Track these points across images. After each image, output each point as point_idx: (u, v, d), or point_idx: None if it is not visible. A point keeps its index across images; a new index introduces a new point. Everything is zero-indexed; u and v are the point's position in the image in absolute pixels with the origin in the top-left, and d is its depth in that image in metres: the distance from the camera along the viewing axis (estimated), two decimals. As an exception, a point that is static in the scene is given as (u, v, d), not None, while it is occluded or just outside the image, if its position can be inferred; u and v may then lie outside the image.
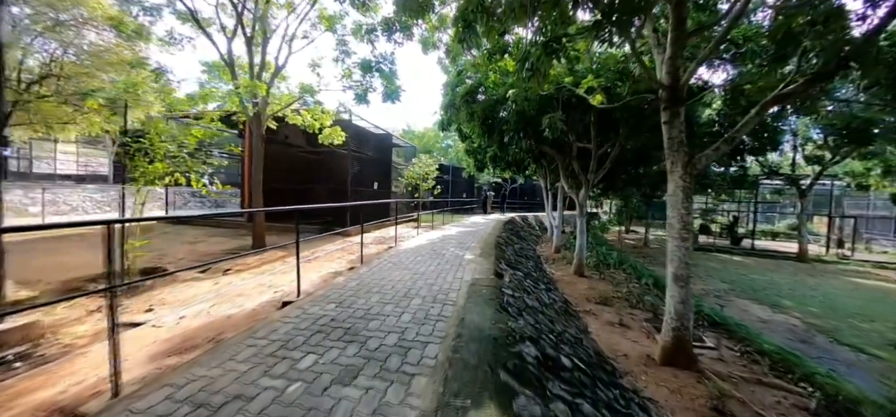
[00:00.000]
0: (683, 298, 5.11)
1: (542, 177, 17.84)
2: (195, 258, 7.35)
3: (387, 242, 9.31)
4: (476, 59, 10.92)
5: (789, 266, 15.62)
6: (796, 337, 7.30)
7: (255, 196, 7.98)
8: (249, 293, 4.93)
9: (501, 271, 6.39)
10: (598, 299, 8.33)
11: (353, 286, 4.79)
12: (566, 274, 10.76)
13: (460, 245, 8.77)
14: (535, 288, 7.14)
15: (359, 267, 5.98)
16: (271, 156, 12.21)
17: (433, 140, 38.25)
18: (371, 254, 7.45)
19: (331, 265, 6.69)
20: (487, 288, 4.84)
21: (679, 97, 5.08)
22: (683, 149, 5.09)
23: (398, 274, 5.54)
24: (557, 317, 5.96)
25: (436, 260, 6.72)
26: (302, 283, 5.14)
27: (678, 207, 5.09)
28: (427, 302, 4.18)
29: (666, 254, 5.31)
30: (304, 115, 8.44)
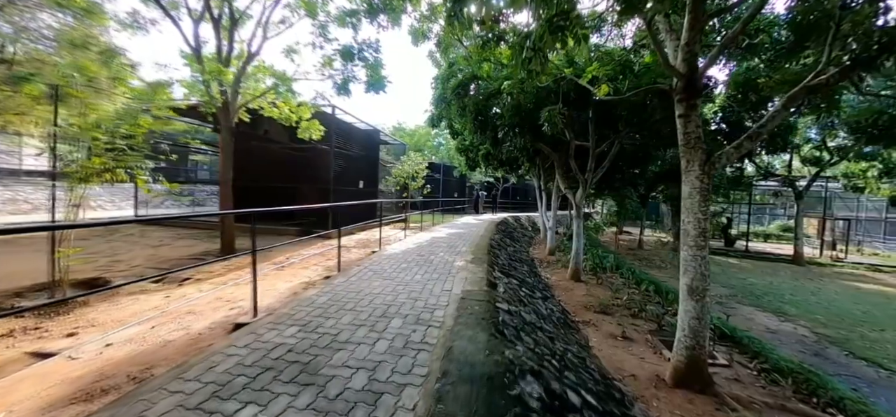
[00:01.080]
0: (699, 314, 4.55)
1: (535, 176, 17.32)
2: (154, 265, 6.59)
3: (371, 246, 8.63)
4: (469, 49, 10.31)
5: (786, 269, 15.32)
6: (808, 349, 6.83)
7: (224, 195, 7.24)
8: (202, 310, 4.22)
9: (495, 280, 5.77)
10: (598, 307, 7.78)
11: (323, 301, 4.12)
12: (562, 279, 10.20)
13: (450, 249, 8.14)
14: (532, 298, 6.54)
15: (335, 277, 5.30)
16: (249, 153, 11.42)
17: (424, 138, 37.51)
18: (351, 261, 6.77)
19: (305, 273, 5.99)
20: (480, 304, 4.21)
21: (696, 87, 4.51)
22: (701, 147, 4.52)
23: (378, 285, 4.88)
24: (557, 332, 5.36)
25: (423, 267, 6.07)
26: (265, 299, 4.45)
27: (694, 211, 4.52)
28: (409, 324, 3.53)
29: (680, 264, 4.75)
30: (281, 107, 7.71)
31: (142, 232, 9.71)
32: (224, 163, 7.19)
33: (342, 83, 7.30)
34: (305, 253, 7.84)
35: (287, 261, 6.96)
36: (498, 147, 11.59)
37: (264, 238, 9.62)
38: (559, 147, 10.65)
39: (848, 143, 14.53)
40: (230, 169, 7.25)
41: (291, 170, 10.98)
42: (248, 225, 10.84)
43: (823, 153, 15.06)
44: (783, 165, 17.74)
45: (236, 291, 5.00)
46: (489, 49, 6.38)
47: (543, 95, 7.38)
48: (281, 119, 7.67)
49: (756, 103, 7.47)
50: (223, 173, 7.21)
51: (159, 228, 10.42)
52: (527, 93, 7.41)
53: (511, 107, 7.56)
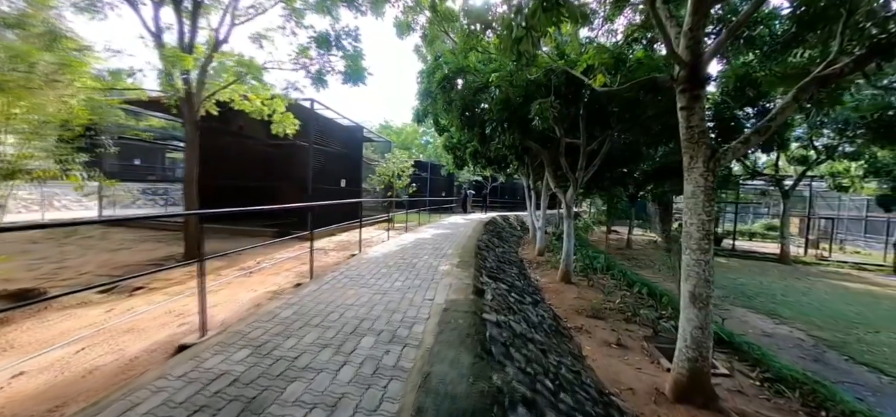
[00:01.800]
0: (702, 323, 4.19)
1: (524, 175, 16.98)
2: (107, 272, 5.96)
3: (351, 248, 8.11)
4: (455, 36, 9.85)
5: (773, 268, 15.29)
6: (806, 354, 6.58)
7: (188, 195, 6.63)
8: (146, 327, 3.68)
9: (482, 285, 5.33)
10: (590, 312, 7.42)
11: (286, 315, 3.62)
12: (552, 281, 9.84)
13: (436, 251, 7.68)
14: (522, 303, 6.13)
15: (306, 285, 4.79)
16: (222, 150, 10.76)
17: (412, 136, 36.94)
18: (327, 265, 6.25)
19: (274, 280, 5.46)
20: (465, 316, 3.76)
21: (700, 77, 4.14)
22: (705, 141, 4.16)
23: (353, 294, 4.39)
24: (549, 342, 4.96)
25: (404, 272, 5.60)
26: (220, 312, 3.93)
27: (698, 212, 4.16)
28: (382, 343, 3.06)
29: (681, 269, 4.39)
30: (253, 100, 7.13)
31: (103, 235, 8.99)
32: (189, 160, 6.58)
33: (317, 73, 6.77)
34: (280, 256, 7.29)
35: (257, 266, 6.41)
36: (486, 144, 11.18)
37: (237, 240, 9.02)
38: (549, 144, 10.29)
39: (834, 142, 14.55)
40: (196, 166, 6.65)
41: (268, 169, 10.38)
42: (220, 226, 10.27)
43: (810, 152, 15.08)
44: (770, 164, 17.77)
45: (192, 303, 4.44)
46: (475, 38, 5.95)
47: (533, 89, 6.98)
48: (253, 112, 7.09)
49: (753, 98, 7.21)
50: (188, 171, 6.60)
51: (124, 230, 9.70)
52: (516, 86, 7.00)
53: (499, 101, 7.14)
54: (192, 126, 6.45)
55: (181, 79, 6.08)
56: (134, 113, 16.49)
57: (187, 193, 6.68)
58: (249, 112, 7.15)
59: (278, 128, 7.35)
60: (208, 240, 9.08)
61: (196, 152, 6.61)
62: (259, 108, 7.04)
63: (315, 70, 6.76)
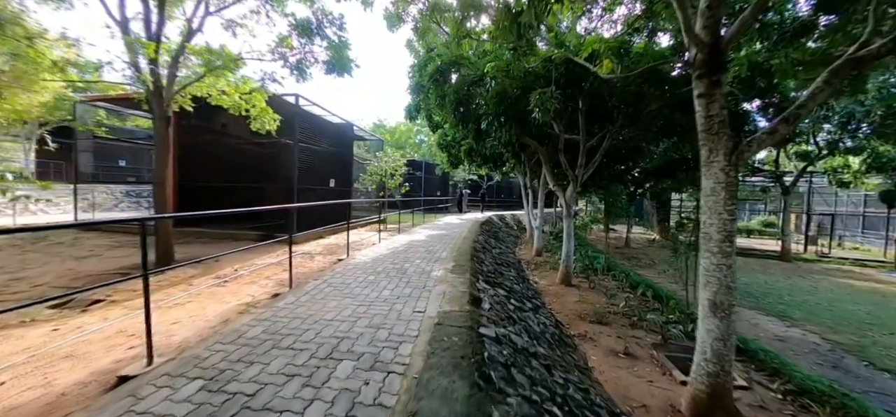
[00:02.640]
0: (724, 334, 3.76)
1: (520, 173, 16.56)
2: (66, 283, 5.43)
3: (339, 252, 7.63)
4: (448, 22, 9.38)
5: (775, 266, 15.00)
6: (824, 360, 6.20)
7: (160, 197, 6.10)
8: (90, 351, 3.18)
9: (479, 293, 4.88)
10: (593, 317, 7.00)
11: (255, 334, 3.14)
12: (552, 284, 9.42)
13: (429, 254, 7.21)
14: (522, 310, 5.69)
15: (283, 296, 4.30)
16: (203, 148, 10.21)
17: (405, 135, 36.39)
18: (311, 272, 5.77)
19: (249, 290, 4.97)
20: (460, 332, 3.29)
21: (720, 60, 3.71)
22: (726, 132, 3.73)
23: (335, 306, 3.92)
24: (552, 356, 4.52)
25: (394, 279, 5.13)
26: (181, 331, 3.44)
27: (719, 211, 3.73)
28: (362, 370, 2.60)
29: (698, 274, 3.96)
30: (230, 94, 6.61)
31: (74, 240, 8.42)
32: (160, 159, 6.05)
33: (297, 63, 6.26)
34: (261, 262, 6.78)
35: (235, 274, 5.90)
36: (481, 141, 10.73)
37: (220, 244, 8.50)
38: (546, 141, 9.86)
39: (836, 137, 14.27)
40: (167, 165, 6.12)
41: (252, 169, 9.86)
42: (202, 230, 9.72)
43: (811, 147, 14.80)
44: (770, 160, 17.49)
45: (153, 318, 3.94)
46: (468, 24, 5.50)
47: (531, 80, 6.53)
48: (231, 108, 6.58)
49: (765, 89, 6.82)
50: (158, 171, 6.08)
51: (98, 235, 9.13)
52: (513, 78, 6.55)
53: (495, 93, 6.68)
54: (163, 122, 5.93)
55: (148, 70, 5.56)
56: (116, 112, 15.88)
57: (158, 195, 6.15)
58: (228, 107, 6.63)
59: (258, 124, 6.84)
60: (187, 246, 8.56)
61: (167, 150, 6.09)
62: (237, 103, 6.53)
63: (295, 60, 6.25)
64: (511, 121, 7.70)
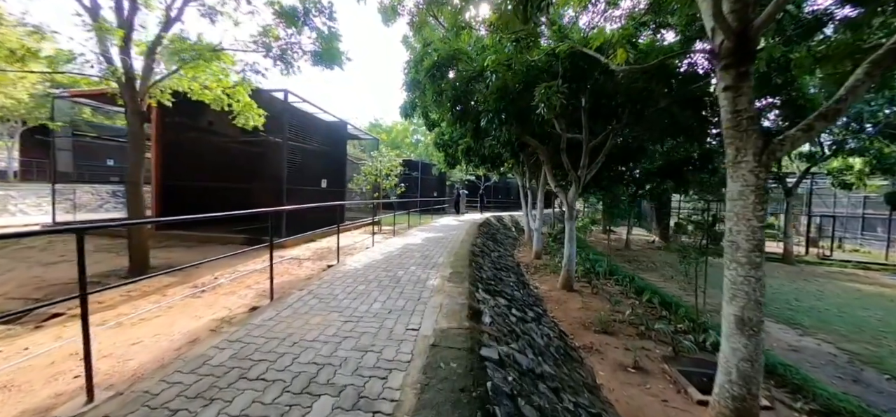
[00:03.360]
0: (752, 354, 3.38)
1: (519, 174, 16.17)
2: (30, 291, 4.98)
3: (329, 257, 7.20)
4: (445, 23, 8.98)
5: (778, 268, 14.72)
6: (843, 372, 5.85)
7: (134, 198, 5.63)
8: (31, 380, 2.76)
9: (479, 305, 4.47)
10: (598, 326, 6.62)
11: (221, 360, 2.71)
12: (553, 289, 9.04)
13: (425, 259, 6.80)
14: (524, 321, 5.29)
15: (263, 309, 3.88)
16: (188, 146, 9.74)
17: (402, 135, 35.91)
18: (296, 281, 5.34)
19: (227, 301, 4.53)
20: (459, 356, 2.89)
21: (750, 49, 3.33)
22: (755, 129, 3.35)
23: (318, 323, 3.50)
24: (560, 375, 4.12)
25: (386, 289, 4.71)
26: (141, 354, 3.03)
27: (747, 216, 3.34)
28: (342, 409, 2.18)
29: (724, 287, 3.58)
30: (213, 88, 6.16)
31: (47, 244, 7.93)
32: (134, 158, 5.58)
33: (281, 54, 5.81)
34: (244, 268, 6.34)
35: (214, 282, 5.46)
36: (479, 140, 10.34)
37: (204, 249, 8.03)
38: (547, 140, 9.49)
39: (839, 137, 14.00)
40: (141, 165, 5.66)
41: (240, 168, 9.39)
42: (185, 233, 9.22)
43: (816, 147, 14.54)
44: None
45: (113, 336, 3.51)
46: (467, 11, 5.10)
47: (534, 75, 6.13)
48: (213, 103, 6.12)
49: (781, 85, 6.48)
50: (132, 171, 5.60)
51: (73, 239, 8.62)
52: (515, 72, 6.15)
53: (496, 89, 6.28)
54: (137, 118, 5.47)
55: (120, 60, 5.11)
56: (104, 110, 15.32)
57: (131, 197, 5.69)
58: (210, 102, 6.17)
59: (241, 120, 6.38)
60: (168, 250, 8.09)
61: (141, 149, 5.62)
62: (219, 98, 6.07)
63: (278, 49, 5.80)
64: (512, 118, 7.30)
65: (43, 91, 7.08)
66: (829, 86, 6.29)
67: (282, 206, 7.86)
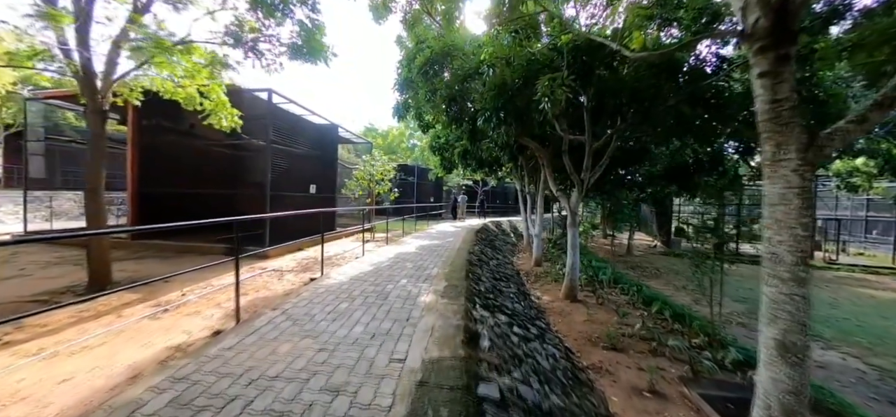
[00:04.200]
0: (797, 385, 2.85)
1: (517, 178, 15.70)
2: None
3: (315, 268, 6.66)
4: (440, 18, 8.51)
5: (785, 274, 14.20)
6: (877, 391, 5.34)
7: (92, 206, 5.07)
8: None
9: (477, 325, 3.94)
10: (606, 341, 6.09)
11: (158, 408, 2.18)
12: (555, 299, 8.51)
13: (418, 270, 6.27)
14: (527, 340, 4.76)
15: (225, 334, 3.34)
16: (167, 151, 9.19)
17: (398, 139, 35.43)
18: (270, 297, 4.81)
19: (190, 323, 3.99)
20: (452, 397, 2.36)
21: (790, 28, 2.86)
22: (798, 122, 2.86)
23: (286, 353, 2.96)
24: (569, 405, 3.59)
25: (372, 307, 4.18)
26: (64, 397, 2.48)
27: (790, 224, 2.84)
28: (296, 486, 1.64)
29: (762, 305, 3.07)
30: (186, 86, 5.63)
31: (12, 255, 7.35)
32: (94, 162, 5.03)
33: (253, 44, 5.29)
34: (219, 283, 5.79)
35: (182, 299, 4.91)
36: (476, 142, 9.86)
37: (179, 260, 7.47)
38: (548, 142, 9.01)
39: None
40: (102, 169, 5.10)
41: (222, 173, 8.85)
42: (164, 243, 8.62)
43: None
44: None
45: (43, 370, 2.96)
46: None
47: (535, 70, 5.64)
48: (185, 101, 5.59)
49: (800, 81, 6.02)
50: (92, 175, 5.05)
51: (42, 249, 8.04)
52: (514, 67, 5.66)
53: (493, 85, 5.79)
54: (97, 117, 4.93)
55: (77, 53, 4.59)
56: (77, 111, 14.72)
57: (90, 204, 5.13)
58: (182, 101, 5.64)
59: (214, 119, 5.85)
60: (140, 262, 7.51)
61: (102, 151, 5.08)
62: (191, 96, 5.54)
63: (249, 39, 5.27)
64: (510, 117, 6.80)
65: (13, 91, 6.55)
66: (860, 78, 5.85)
67: (265, 213, 7.31)
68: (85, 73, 4.77)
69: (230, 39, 5.27)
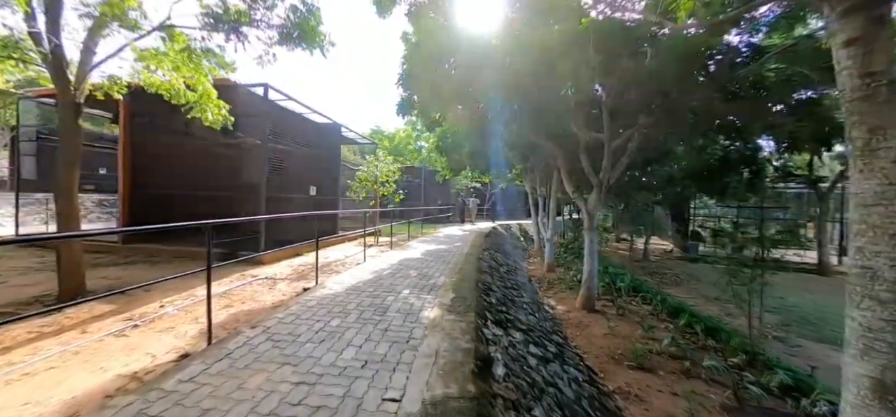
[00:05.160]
0: (900, 436, 2.24)
1: (527, 180, 15.09)
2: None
3: (310, 276, 6.15)
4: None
5: (814, 282, 13.40)
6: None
7: (64, 208, 4.62)
8: None
9: (488, 350, 3.37)
10: (632, 359, 5.47)
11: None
12: (571, 309, 7.90)
13: (422, 279, 5.72)
14: (545, 360, 4.17)
15: (192, 358, 2.81)
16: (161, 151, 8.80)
17: (405, 141, 34.98)
18: (254, 312, 4.29)
19: (157, 343, 3.48)
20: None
21: (888, -17, 2.27)
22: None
23: (256, 387, 2.42)
24: (601, 447, 2.99)
25: (367, 324, 3.63)
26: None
27: (893, 228, 2.23)
28: None
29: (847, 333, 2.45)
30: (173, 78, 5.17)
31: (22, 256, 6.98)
32: (66, 160, 4.59)
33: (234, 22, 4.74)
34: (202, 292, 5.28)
35: (160, 311, 4.42)
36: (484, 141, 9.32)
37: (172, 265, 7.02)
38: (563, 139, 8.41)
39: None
40: (76, 168, 4.66)
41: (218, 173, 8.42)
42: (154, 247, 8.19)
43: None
44: (802, 164, 15.98)
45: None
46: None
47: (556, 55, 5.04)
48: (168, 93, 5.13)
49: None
50: (64, 176, 4.60)
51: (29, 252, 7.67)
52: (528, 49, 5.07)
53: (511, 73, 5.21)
54: (69, 110, 4.49)
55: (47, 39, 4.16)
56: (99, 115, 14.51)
57: (62, 206, 4.67)
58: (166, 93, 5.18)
59: (197, 112, 5.37)
60: (128, 268, 7.08)
61: (75, 148, 4.63)
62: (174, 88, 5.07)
63: (232, 21, 4.77)
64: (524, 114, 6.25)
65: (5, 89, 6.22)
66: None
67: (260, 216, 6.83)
68: (55, 62, 4.33)
69: (210, 19, 4.78)
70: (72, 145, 4.63)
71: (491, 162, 11.65)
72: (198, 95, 5.21)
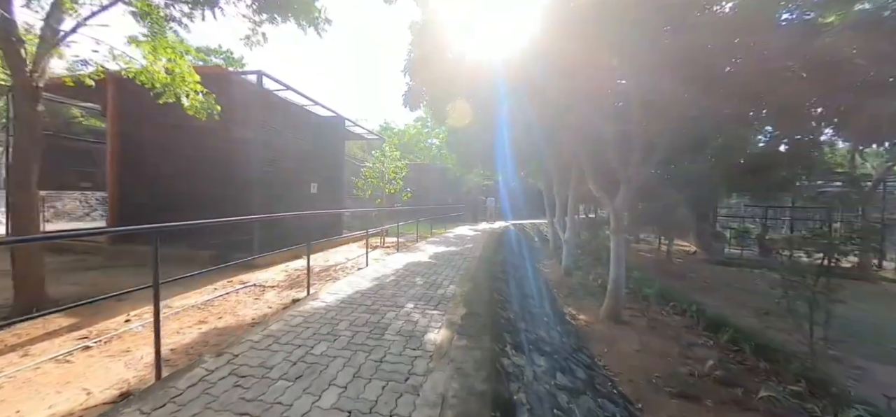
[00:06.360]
0: None
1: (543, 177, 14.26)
2: None
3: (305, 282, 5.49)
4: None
5: (859, 289, 12.23)
6: None
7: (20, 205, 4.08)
8: None
9: (509, 389, 2.65)
10: (673, 384, 4.69)
11: None
12: (593, 319, 7.12)
13: (429, 288, 5.03)
14: (575, 391, 3.44)
15: (128, 402, 2.16)
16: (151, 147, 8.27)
17: (415, 137, 34.30)
18: (226, 331, 3.66)
19: (102, 373, 2.86)
20: None
21: None
22: None
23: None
24: None
25: (358, 352, 2.95)
26: None
27: None
28: None
29: None
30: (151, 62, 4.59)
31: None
32: (22, 153, 4.04)
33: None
34: (180, 303, 4.69)
35: (124, 327, 3.81)
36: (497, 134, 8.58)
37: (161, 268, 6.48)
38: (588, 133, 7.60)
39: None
40: (33, 160, 4.11)
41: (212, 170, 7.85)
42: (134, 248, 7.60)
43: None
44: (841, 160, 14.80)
45: None
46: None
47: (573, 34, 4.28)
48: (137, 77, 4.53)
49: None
50: (19, 169, 4.06)
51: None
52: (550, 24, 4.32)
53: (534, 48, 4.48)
54: (28, 98, 3.92)
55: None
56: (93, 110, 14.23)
57: (18, 204, 4.12)
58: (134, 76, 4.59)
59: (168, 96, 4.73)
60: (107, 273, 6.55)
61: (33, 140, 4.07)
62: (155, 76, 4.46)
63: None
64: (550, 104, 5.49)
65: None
66: None
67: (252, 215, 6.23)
68: (5, 39, 3.75)
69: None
70: (29, 137, 4.06)
71: (498, 158, 10.88)
72: (173, 78, 4.60)
